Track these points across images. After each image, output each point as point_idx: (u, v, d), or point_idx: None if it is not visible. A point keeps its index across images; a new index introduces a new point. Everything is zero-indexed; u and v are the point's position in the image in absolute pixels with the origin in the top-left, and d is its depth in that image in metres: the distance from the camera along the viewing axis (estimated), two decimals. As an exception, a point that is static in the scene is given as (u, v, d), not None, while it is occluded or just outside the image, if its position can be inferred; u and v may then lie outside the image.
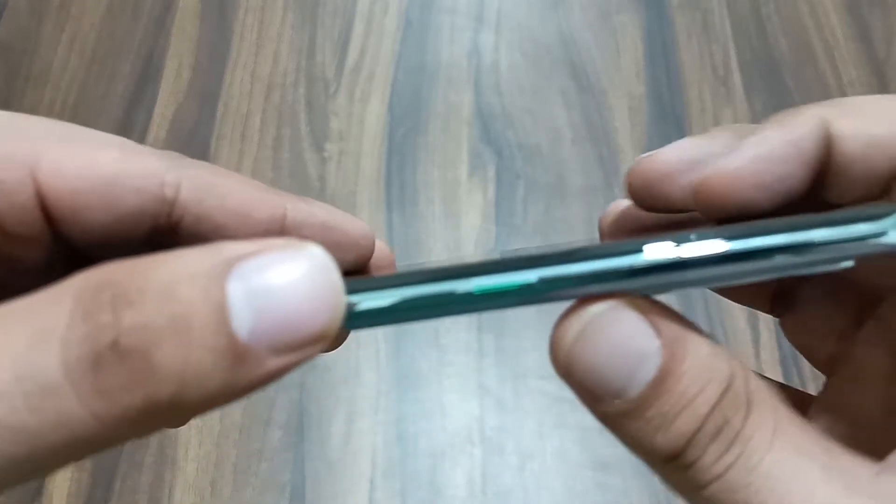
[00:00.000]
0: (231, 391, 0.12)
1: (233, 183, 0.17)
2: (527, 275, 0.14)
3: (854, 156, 0.16)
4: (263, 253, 0.12)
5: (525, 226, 0.57)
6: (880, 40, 0.65)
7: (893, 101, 0.16)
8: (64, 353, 0.11)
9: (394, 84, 0.63)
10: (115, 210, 0.16)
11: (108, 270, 0.12)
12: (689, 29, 0.66)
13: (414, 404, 0.51)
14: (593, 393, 0.14)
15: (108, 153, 0.16)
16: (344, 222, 0.18)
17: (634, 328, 0.14)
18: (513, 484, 0.49)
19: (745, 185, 0.16)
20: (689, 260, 0.14)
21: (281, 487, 0.48)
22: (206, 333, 0.11)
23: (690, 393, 0.14)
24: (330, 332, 0.12)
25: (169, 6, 0.66)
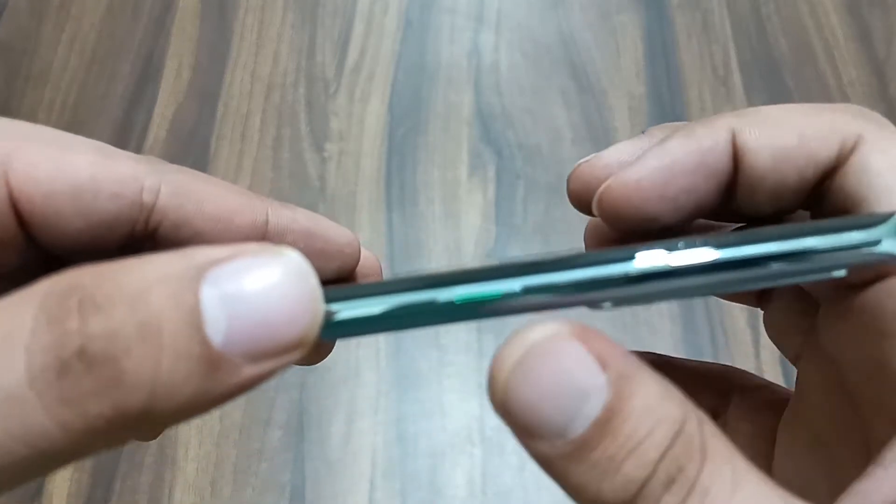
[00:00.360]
0: (205, 400, 0.11)
1: (213, 188, 0.17)
2: (511, 283, 0.13)
3: (764, 169, 0.16)
4: (238, 258, 0.12)
5: (525, 226, 0.57)
6: (880, 40, 0.65)
7: (802, 112, 0.16)
8: (28, 360, 0.11)
9: (394, 84, 0.63)
10: (91, 215, 0.15)
11: (75, 275, 0.11)
12: (689, 29, 0.66)
13: (414, 404, 0.51)
14: (532, 431, 0.13)
15: (84, 156, 0.15)
16: (328, 229, 0.18)
17: (579, 361, 0.12)
18: (513, 484, 0.49)
19: (645, 196, 0.16)
20: (683, 268, 0.13)
21: (281, 487, 0.48)
22: (178, 340, 0.11)
23: (639, 435, 0.12)
24: (308, 338, 0.12)
25: (169, 6, 0.66)
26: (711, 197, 0.16)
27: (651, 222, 0.16)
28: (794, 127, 0.16)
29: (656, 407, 0.12)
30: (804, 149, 0.15)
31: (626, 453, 0.12)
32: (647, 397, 0.13)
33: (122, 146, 0.63)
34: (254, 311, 0.11)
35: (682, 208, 0.16)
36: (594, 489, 0.12)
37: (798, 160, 0.16)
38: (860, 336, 0.15)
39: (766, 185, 0.16)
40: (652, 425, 0.12)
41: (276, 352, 0.12)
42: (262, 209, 0.17)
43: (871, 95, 0.63)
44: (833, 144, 0.15)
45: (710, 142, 0.16)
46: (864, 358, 0.16)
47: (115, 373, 0.11)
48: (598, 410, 0.12)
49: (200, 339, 0.11)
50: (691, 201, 0.16)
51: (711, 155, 0.16)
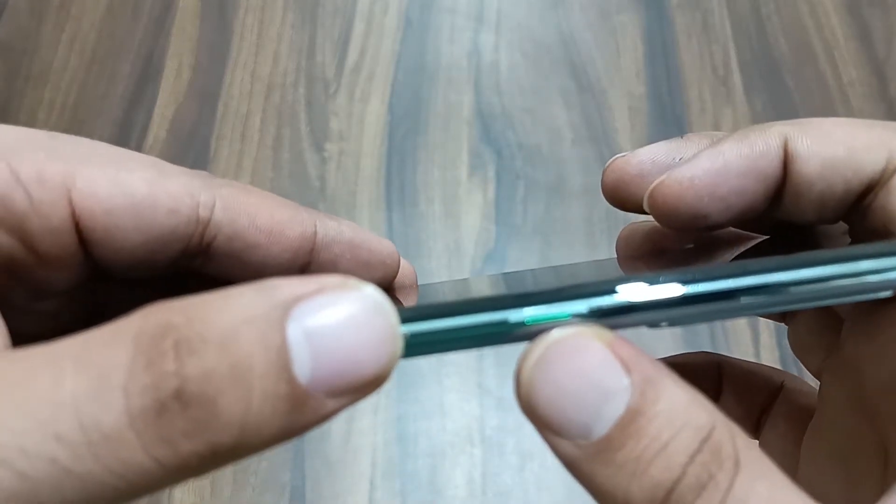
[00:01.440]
0: (290, 433, 0.12)
1: (263, 201, 0.17)
2: (578, 305, 0.13)
3: (812, 176, 0.16)
4: (320, 294, 0.12)
5: (525, 226, 0.57)
6: (880, 40, 0.65)
7: (854, 126, 0.16)
8: (128, 402, 0.11)
9: (394, 84, 0.63)
10: (149, 231, 0.16)
11: (165, 313, 0.12)
12: (689, 29, 0.66)
13: (414, 404, 0.51)
14: (555, 428, 0.13)
15: (141, 173, 0.16)
16: (370, 241, 0.18)
17: (602, 360, 0.13)
18: (513, 484, 0.49)
19: (695, 196, 0.16)
20: (747, 287, 0.13)
21: (281, 487, 0.48)
22: (267, 380, 0.11)
23: (664, 437, 0.12)
24: (388, 372, 0.12)
25: (169, 6, 0.66)
26: (759, 200, 0.17)
27: (701, 220, 0.17)
28: (845, 139, 0.16)
29: (682, 411, 0.13)
30: (852, 161, 0.16)
31: (652, 455, 0.12)
32: (672, 401, 0.13)
33: (123, 146, 0.63)
34: (337, 350, 0.12)
35: (731, 208, 0.17)
36: (622, 492, 0.12)
37: (846, 171, 0.16)
38: (884, 350, 0.16)
39: (812, 192, 0.16)
40: (678, 429, 0.12)
41: (359, 387, 0.12)
42: (311, 221, 0.18)
43: (871, 95, 0.63)
44: (880, 159, 0.16)
45: (763, 146, 0.16)
46: (885, 374, 0.16)
47: (209, 412, 0.11)
48: (621, 410, 0.13)
49: (288, 378, 0.12)
50: (741, 203, 0.17)
51: (763, 159, 0.16)
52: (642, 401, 0.13)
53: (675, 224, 0.17)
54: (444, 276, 0.56)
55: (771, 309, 0.14)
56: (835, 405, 0.18)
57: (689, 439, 0.12)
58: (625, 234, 0.20)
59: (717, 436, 0.13)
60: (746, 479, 0.12)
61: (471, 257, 0.56)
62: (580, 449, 0.13)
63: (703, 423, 0.13)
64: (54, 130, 0.59)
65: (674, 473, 0.12)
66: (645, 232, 0.20)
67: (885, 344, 0.16)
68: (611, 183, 0.18)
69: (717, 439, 0.13)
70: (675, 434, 0.12)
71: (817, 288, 0.14)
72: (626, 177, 0.18)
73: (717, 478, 0.12)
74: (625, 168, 0.18)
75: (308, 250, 0.17)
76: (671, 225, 0.17)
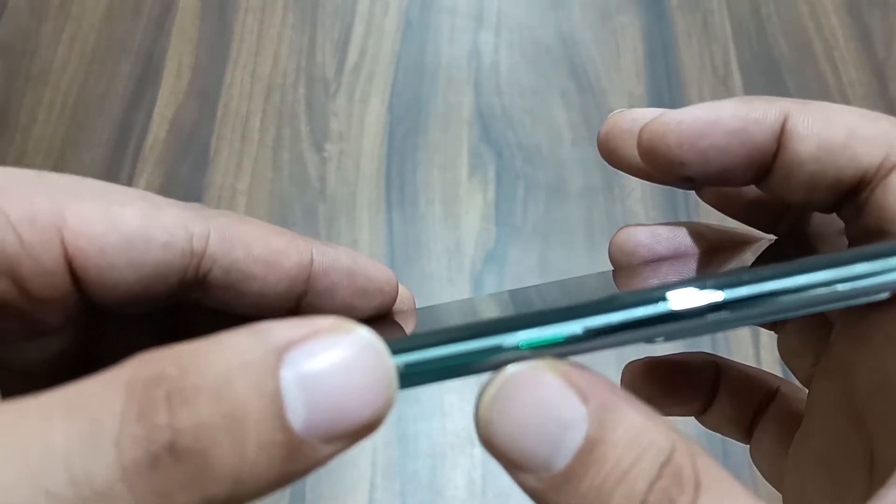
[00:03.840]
0: (285, 481, 0.12)
1: (259, 230, 0.17)
2: (572, 326, 0.13)
3: (805, 156, 0.16)
4: (314, 338, 0.12)
5: (525, 226, 0.57)
6: (880, 41, 0.65)
7: (860, 115, 0.16)
8: (119, 455, 0.11)
9: (394, 84, 0.63)
10: (143, 266, 0.15)
11: (157, 362, 0.11)
12: (689, 29, 0.66)
13: (414, 404, 0.51)
14: (516, 463, 0.13)
15: (133, 207, 0.15)
16: (367, 267, 0.18)
17: (556, 391, 0.13)
18: (513, 484, 0.49)
19: (677, 140, 0.16)
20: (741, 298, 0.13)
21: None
22: (261, 429, 0.11)
23: (624, 465, 0.12)
24: (383, 416, 0.12)
25: (169, 6, 0.66)
26: (742, 166, 0.17)
27: (677, 167, 0.17)
28: (847, 125, 0.16)
29: (640, 436, 0.12)
30: (849, 148, 0.16)
31: (613, 484, 0.12)
32: (630, 427, 0.12)
33: (122, 146, 0.63)
34: (331, 395, 0.12)
35: (709, 164, 0.16)
36: None
37: (841, 158, 0.16)
38: (874, 354, 0.16)
39: (803, 172, 0.16)
40: (637, 455, 0.12)
41: (353, 431, 0.12)
42: (307, 249, 0.17)
43: (871, 96, 0.63)
44: (878, 152, 0.15)
45: (761, 115, 0.16)
46: (875, 376, 0.16)
47: (202, 464, 0.11)
48: (579, 441, 0.12)
49: (282, 426, 0.11)
50: (720, 161, 0.16)
51: (756, 125, 0.16)
52: (600, 429, 0.12)
53: (654, 166, 0.17)
54: (444, 276, 0.56)
55: (765, 319, 0.14)
56: (822, 411, 0.18)
57: (649, 465, 0.12)
58: (618, 238, 0.20)
59: (677, 458, 0.12)
60: (708, 498, 0.12)
61: (471, 257, 0.56)
62: (543, 482, 0.13)
63: (662, 447, 0.12)
64: (54, 130, 0.59)
65: (635, 501, 0.12)
66: (637, 237, 0.20)
67: (875, 347, 0.16)
68: (603, 134, 0.19)
69: (677, 462, 0.12)
70: (635, 461, 0.12)
71: (812, 295, 0.14)
72: (617, 129, 0.18)
73: (678, 501, 0.12)
74: (618, 121, 0.18)
75: (305, 279, 0.17)
76: (652, 167, 0.17)
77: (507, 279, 0.56)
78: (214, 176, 0.59)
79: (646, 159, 0.17)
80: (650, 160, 0.17)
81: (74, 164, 0.59)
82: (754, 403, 0.21)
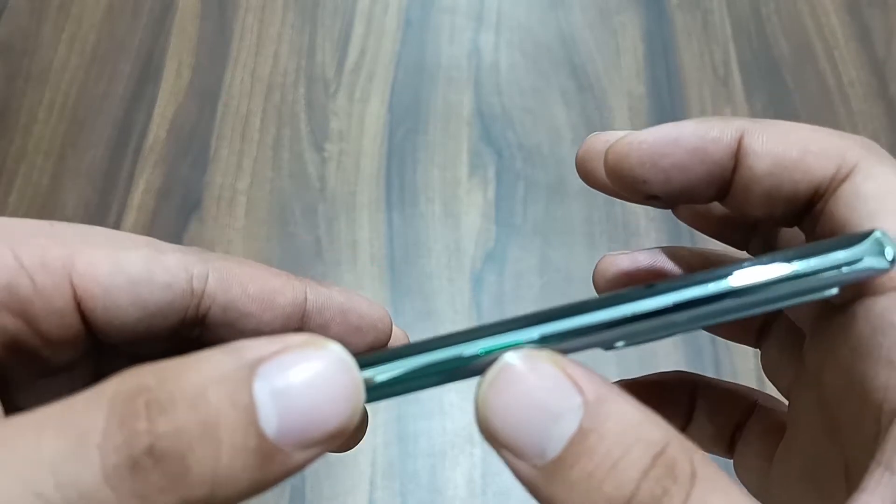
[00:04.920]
0: (261, 485, 0.12)
1: (255, 271, 0.18)
2: (529, 332, 0.14)
3: (761, 172, 0.16)
4: (284, 353, 0.13)
5: (525, 226, 0.57)
6: (880, 40, 0.65)
7: (812, 132, 0.17)
8: (102, 459, 0.11)
9: (394, 84, 0.63)
10: (147, 305, 0.16)
11: (139, 376, 0.12)
12: (689, 29, 0.66)
13: (414, 404, 0.51)
14: (512, 449, 0.13)
15: (137, 252, 0.16)
16: (361, 306, 0.19)
17: (552, 380, 0.13)
18: (513, 484, 0.49)
19: (639, 159, 0.17)
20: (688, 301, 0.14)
21: (281, 487, 0.48)
22: (235, 435, 0.12)
23: (615, 454, 0.12)
24: (351, 425, 0.13)
25: (169, 6, 0.66)
26: (703, 185, 0.17)
27: (640, 185, 0.17)
28: (800, 142, 0.16)
29: (634, 428, 0.13)
30: (802, 163, 0.16)
31: (604, 472, 0.12)
32: (624, 419, 0.13)
33: (122, 146, 0.63)
34: (301, 405, 0.12)
35: (671, 182, 0.17)
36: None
37: (795, 172, 0.16)
38: (839, 359, 0.16)
39: (761, 187, 0.17)
40: (629, 445, 0.13)
41: (324, 439, 0.13)
42: (301, 288, 0.18)
43: (871, 95, 0.63)
44: (830, 165, 0.16)
45: (718, 133, 0.17)
46: (840, 381, 0.16)
47: (181, 468, 0.12)
48: (573, 429, 0.13)
49: (255, 433, 0.12)
50: (682, 179, 0.17)
51: (713, 144, 0.17)
52: (594, 419, 0.13)
53: (619, 185, 0.18)
54: (444, 276, 0.56)
55: (717, 319, 0.15)
56: (802, 424, 0.18)
57: (641, 455, 0.12)
58: (600, 266, 0.21)
59: (671, 451, 0.13)
60: (703, 491, 0.12)
61: (471, 257, 0.56)
62: (537, 470, 0.13)
63: (655, 440, 0.13)
64: (54, 130, 0.59)
65: (627, 490, 0.12)
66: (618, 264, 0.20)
67: (838, 352, 0.16)
68: (580, 156, 0.20)
69: (670, 455, 0.13)
70: (627, 450, 0.12)
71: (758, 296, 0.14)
72: (592, 151, 0.19)
73: (672, 491, 0.12)
74: (593, 143, 0.19)
75: (299, 317, 0.18)
76: (617, 186, 0.18)
77: (506, 279, 0.56)
78: (214, 175, 0.59)
79: (612, 178, 0.18)
80: (615, 179, 0.18)
81: (74, 163, 0.59)
82: (734, 418, 0.21)
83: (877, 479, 0.14)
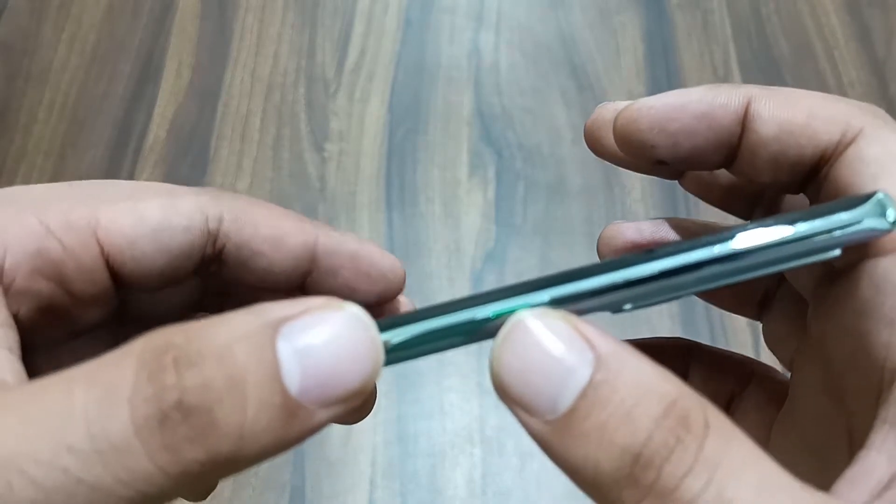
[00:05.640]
0: (284, 443, 0.13)
1: (267, 212, 0.19)
2: (540, 296, 0.15)
3: (767, 137, 0.17)
4: (305, 314, 0.13)
5: (525, 226, 0.57)
6: (880, 40, 0.65)
7: (819, 98, 0.17)
8: (132, 412, 0.12)
9: (394, 84, 0.63)
10: (170, 250, 0.17)
11: (167, 334, 0.13)
12: (689, 29, 0.66)
13: (414, 404, 0.51)
14: (525, 405, 0.13)
15: (154, 201, 0.17)
16: (373, 254, 0.19)
17: (564, 335, 0.13)
18: (513, 484, 0.49)
19: (648, 124, 0.17)
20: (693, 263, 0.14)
21: (281, 487, 0.48)
22: (261, 390, 0.12)
23: (628, 404, 0.12)
24: (370, 384, 0.13)
25: (169, 6, 0.66)
26: (711, 150, 0.18)
27: (648, 149, 0.18)
28: (806, 108, 0.17)
29: (646, 381, 0.13)
30: (808, 128, 0.16)
31: (617, 422, 0.12)
32: (636, 372, 0.13)
33: (122, 146, 0.63)
34: (323, 363, 0.13)
35: (679, 146, 0.17)
36: (592, 463, 0.13)
37: (801, 137, 0.16)
38: (843, 324, 0.16)
39: (767, 153, 0.17)
40: (641, 396, 0.13)
41: (345, 397, 0.13)
42: (313, 231, 0.19)
43: (871, 95, 0.63)
44: (835, 130, 0.16)
45: (725, 99, 0.17)
46: (845, 346, 0.16)
47: (208, 421, 0.12)
48: (584, 382, 0.13)
49: (280, 389, 0.12)
50: (689, 143, 0.17)
51: (721, 110, 0.17)
52: (605, 372, 0.13)
53: (628, 150, 0.18)
54: (444, 276, 0.56)
55: (722, 281, 0.15)
56: (804, 393, 0.18)
57: (654, 405, 0.12)
58: (605, 234, 0.21)
59: (684, 403, 0.13)
60: (717, 442, 0.12)
61: (471, 257, 0.56)
62: (549, 425, 0.13)
63: (667, 391, 0.13)
64: (54, 130, 0.59)
65: (639, 438, 0.12)
66: (623, 232, 0.21)
67: (842, 318, 0.16)
68: (589, 125, 0.20)
69: (683, 406, 0.13)
70: (639, 401, 0.13)
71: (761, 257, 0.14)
72: (600, 120, 0.19)
73: (686, 441, 0.12)
74: (602, 112, 0.19)
75: (309, 259, 0.19)
76: (626, 151, 0.18)
77: (507, 278, 0.56)
78: (214, 176, 0.59)
79: (620, 144, 0.18)
80: (624, 144, 0.18)
81: (74, 163, 0.59)
82: (729, 385, 0.21)
83: (882, 436, 0.14)
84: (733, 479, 0.12)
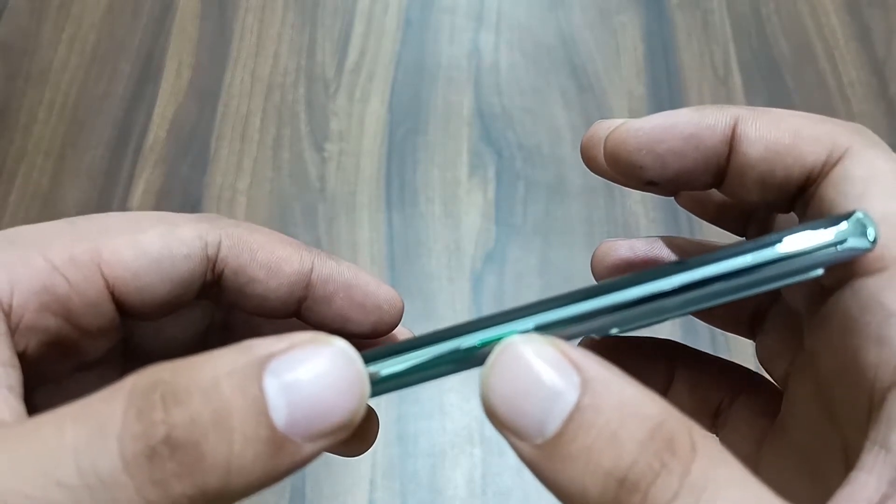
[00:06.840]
0: (272, 475, 0.13)
1: (264, 238, 0.19)
2: (525, 323, 0.15)
3: (754, 158, 0.17)
4: (292, 350, 0.13)
5: (525, 226, 0.57)
6: (880, 40, 0.65)
7: (805, 118, 0.17)
8: (122, 448, 0.12)
9: (394, 84, 0.63)
10: (172, 279, 0.18)
11: (156, 371, 0.13)
12: (689, 29, 0.66)
13: (414, 404, 0.51)
14: (513, 429, 0.14)
15: (154, 230, 0.18)
16: (368, 284, 0.20)
17: (551, 360, 0.13)
18: (513, 484, 0.49)
19: (636, 145, 0.18)
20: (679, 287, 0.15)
21: (281, 487, 0.48)
22: (247, 425, 0.12)
23: (612, 427, 0.13)
24: (357, 417, 0.14)
25: (169, 6, 0.66)
26: (699, 171, 0.18)
27: (637, 170, 0.18)
28: (792, 128, 0.17)
29: (630, 403, 0.13)
30: (795, 148, 0.17)
31: (602, 445, 0.13)
32: (621, 395, 0.13)
33: (122, 146, 0.63)
34: (309, 397, 0.13)
35: (667, 167, 0.18)
36: (579, 487, 0.13)
37: (787, 158, 0.17)
38: (832, 341, 0.16)
39: (754, 173, 0.17)
40: (626, 418, 0.13)
41: (331, 431, 0.13)
42: (309, 259, 0.19)
43: (871, 95, 0.63)
44: (822, 151, 0.16)
45: (712, 120, 0.17)
46: (836, 362, 0.16)
47: (195, 456, 0.12)
48: (571, 406, 0.13)
49: (266, 423, 0.13)
50: (677, 165, 0.18)
51: (708, 131, 0.17)
52: (592, 395, 0.13)
53: (617, 170, 0.18)
54: (444, 276, 0.56)
55: (705, 304, 0.15)
56: (798, 408, 0.18)
57: (639, 428, 0.13)
58: (599, 252, 0.21)
59: (669, 426, 0.13)
60: (704, 465, 0.12)
61: (471, 257, 0.56)
62: (538, 449, 0.13)
63: (652, 414, 0.13)
64: (54, 130, 0.59)
65: (624, 462, 0.12)
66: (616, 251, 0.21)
67: (833, 336, 0.16)
68: (584, 143, 0.20)
69: (668, 429, 0.13)
70: (623, 423, 0.13)
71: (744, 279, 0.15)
72: (595, 138, 0.20)
73: (671, 465, 0.12)
74: (597, 130, 0.20)
75: (304, 286, 0.19)
76: (615, 171, 0.19)
77: (506, 279, 0.56)
78: (214, 176, 0.59)
79: (610, 165, 0.18)
80: (614, 165, 0.18)
81: (74, 163, 0.59)
82: (719, 395, 0.21)
83: (873, 456, 0.14)
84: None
